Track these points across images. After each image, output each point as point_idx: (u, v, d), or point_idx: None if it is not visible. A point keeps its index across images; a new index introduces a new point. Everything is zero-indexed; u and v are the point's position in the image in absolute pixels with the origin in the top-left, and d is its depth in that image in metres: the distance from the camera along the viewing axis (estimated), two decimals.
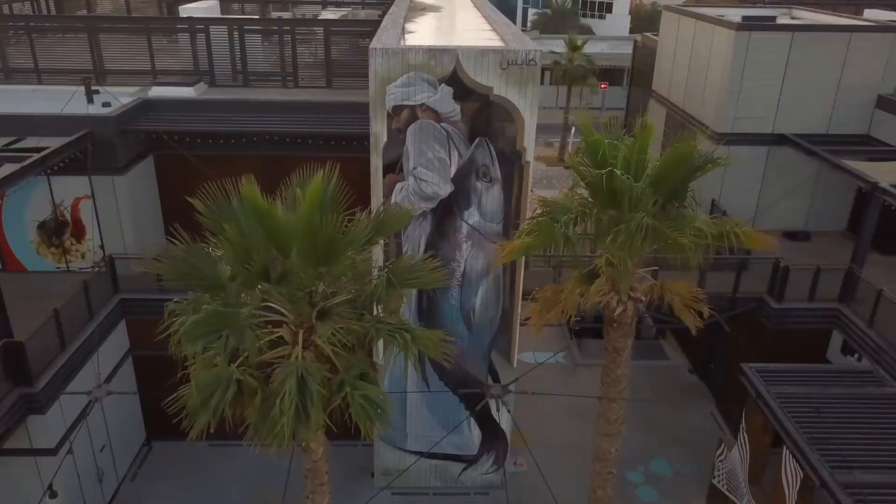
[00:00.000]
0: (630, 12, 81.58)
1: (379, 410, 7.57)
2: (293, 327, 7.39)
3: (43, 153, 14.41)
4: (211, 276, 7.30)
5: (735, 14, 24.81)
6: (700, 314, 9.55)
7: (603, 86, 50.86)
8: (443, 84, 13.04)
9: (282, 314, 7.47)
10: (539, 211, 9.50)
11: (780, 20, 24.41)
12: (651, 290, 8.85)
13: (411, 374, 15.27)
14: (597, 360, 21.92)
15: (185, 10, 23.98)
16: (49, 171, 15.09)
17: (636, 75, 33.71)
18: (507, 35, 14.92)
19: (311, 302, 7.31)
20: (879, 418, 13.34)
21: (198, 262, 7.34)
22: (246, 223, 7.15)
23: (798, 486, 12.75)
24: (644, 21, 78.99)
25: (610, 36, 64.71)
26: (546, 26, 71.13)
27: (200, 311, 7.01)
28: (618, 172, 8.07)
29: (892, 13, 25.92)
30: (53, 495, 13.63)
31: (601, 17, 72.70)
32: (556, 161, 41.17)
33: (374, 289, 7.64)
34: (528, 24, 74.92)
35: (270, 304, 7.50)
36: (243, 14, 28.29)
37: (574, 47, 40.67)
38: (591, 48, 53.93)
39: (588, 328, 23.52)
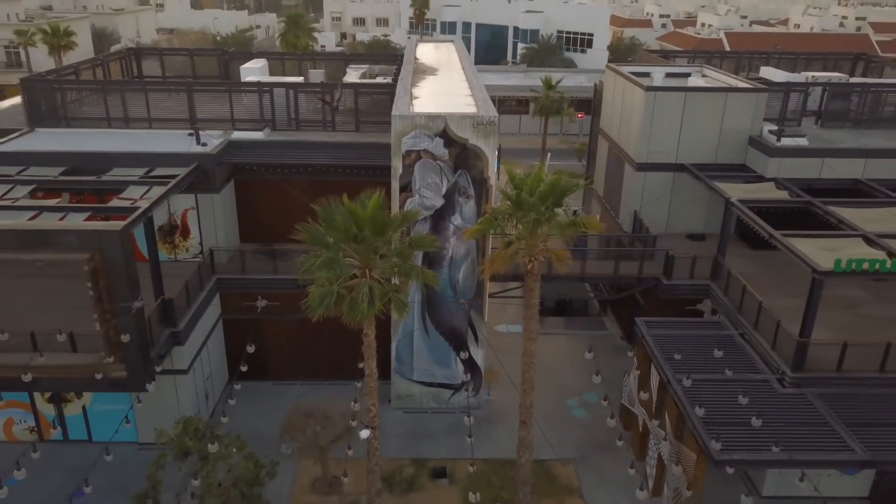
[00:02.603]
0: (610, 45, 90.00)
1: (404, 306, 15.12)
2: (363, 267, 14.97)
3: (176, 179, 22.06)
4: (324, 240, 14.87)
5: (661, 71, 32.86)
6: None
7: (580, 115, 58.43)
8: (437, 137, 20.89)
9: (357, 260, 15.03)
10: (488, 213, 17.25)
11: (694, 77, 32.38)
12: (545, 252, 16.37)
13: (418, 324, 22.96)
14: (551, 330, 29.74)
15: (244, 71, 31.88)
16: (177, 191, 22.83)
17: (596, 110, 41.57)
18: (480, 101, 22.83)
19: (373, 253, 14.84)
20: (713, 345, 20.91)
21: (318, 232, 14.92)
22: (341, 215, 14.71)
23: (657, 386, 20.42)
24: (623, 54, 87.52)
25: (589, 69, 72.58)
26: (533, 60, 79.06)
27: (320, 257, 14.58)
28: (520, 191, 15.78)
29: (782, 71, 33.86)
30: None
31: (582, 51, 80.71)
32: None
33: (401, 247, 15.25)
34: (518, 58, 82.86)
35: (352, 256, 15.06)
36: (283, 67, 36.24)
37: (549, 86, 48.50)
38: (570, 81, 62.10)
39: (546, 308, 31.40)
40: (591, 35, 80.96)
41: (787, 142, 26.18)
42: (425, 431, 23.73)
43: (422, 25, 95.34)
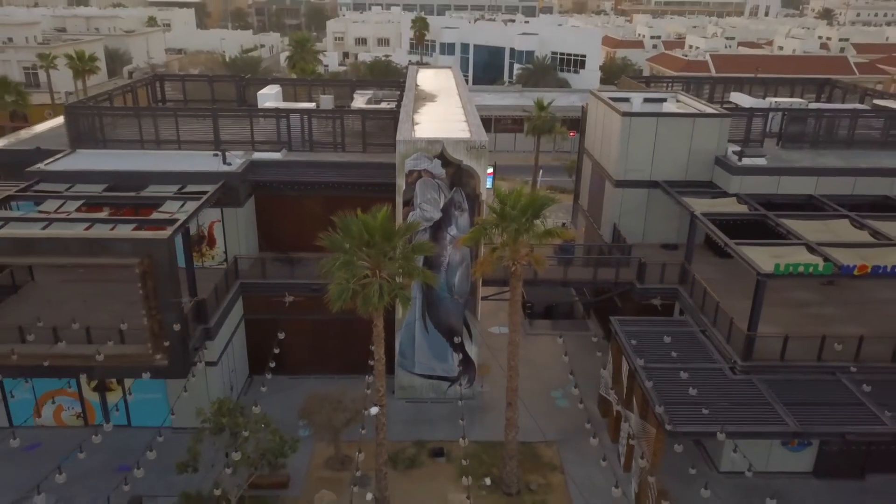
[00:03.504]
0: (603, 66, 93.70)
1: (407, 300, 18.21)
2: (374, 268, 18.06)
3: (207, 195, 25.23)
4: (342, 245, 17.98)
5: (640, 97, 36.17)
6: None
7: (571, 134, 61.55)
8: (435, 158, 24.08)
9: (369, 262, 18.12)
10: (477, 224, 20.44)
11: (669, 102, 35.62)
12: (527, 256, 19.44)
13: (419, 323, 26.03)
14: (539, 332, 32.75)
15: (261, 96, 35.13)
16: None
17: (583, 130, 44.81)
18: (473, 127, 26.05)
19: (382, 257, 17.92)
20: (677, 341, 24.00)
21: (337, 239, 18.05)
22: (356, 225, 17.82)
23: (627, 375, 23.47)
24: (615, 73, 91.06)
25: (582, 89, 76.00)
26: (528, 80, 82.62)
27: (339, 260, 17.69)
28: (504, 205, 18.94)
29: (749, 97, 37.15)
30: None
31: (576, 72, 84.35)
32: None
33: (405, 252, 18.34)
34: (514, 78, 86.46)
35: (364, 259, 18.14)
36: (295, 92, 39.52)
37: (540, 107, 51.79)
38: (564, 101, 65.48)
39: (535, 312, 34.52)
40: (584, 56, 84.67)
41: (747, 161, 29.36)
42: (425, 418, 26.73)
43: (421, 46, 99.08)
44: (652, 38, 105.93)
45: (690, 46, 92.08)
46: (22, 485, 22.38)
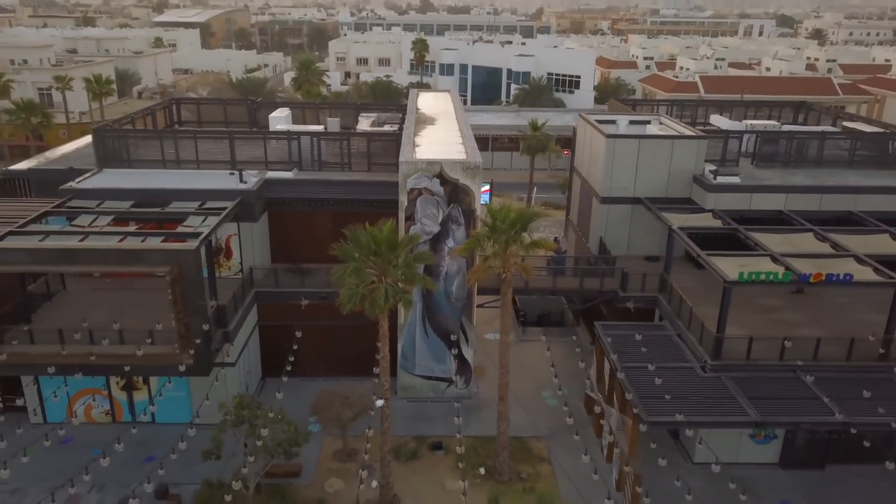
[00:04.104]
0: (598, 85, 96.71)
1: (409, 303, 20.62)
2: (380, 274, 20.49)
3: (226, 210, 27.71)
4: (352, 254, 20.43)
5: (625, 119, 38.78)
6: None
7: (565, 152, 63.98)
8: (434, 177, 26.60)
9: (375, 269, 20.54)
10: (472, 236, 22.92)
11: (652, 125, 38.20)
12: (515, 265, 21.86)
13: (419, 328, 28.43)
14: (531, 338, 35.10)
15: (273, 119, 37.77)
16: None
17: (574, 150, 47.45)
18: (469, 148, 28.61)
19: (387, 264, 20.34)
20: (655, 343, 26.36)
21: (348, 249, 20.53)
22: (365, 237, 20.29)
23: (609, 374, 25.82)
24: (610, 93, 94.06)
25: (577, 108, 78.82)
26: (525, 100, 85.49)
27: (350, 267, 20.14)
28: (495, 220, 21.42)
29: (727, 119, 39.77)
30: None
31: (570, 91, 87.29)
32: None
33: (407, 261, 20.80)
34: (511, 98, 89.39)
35: (372, 266, 20.57)
36: (303, 113, 42.16)
37: (534, 128, 54.46)
38: (559, 120, 68.17)
39: (528, 320, 36.90)
40: (579, 77, 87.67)
41: (722, 180, 31.89)
42: (425, 415, 29.03)
43: (421, 67, 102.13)
44: (645, 58, 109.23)
45: (681, 68, 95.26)
46: (58, 474, 24.65)
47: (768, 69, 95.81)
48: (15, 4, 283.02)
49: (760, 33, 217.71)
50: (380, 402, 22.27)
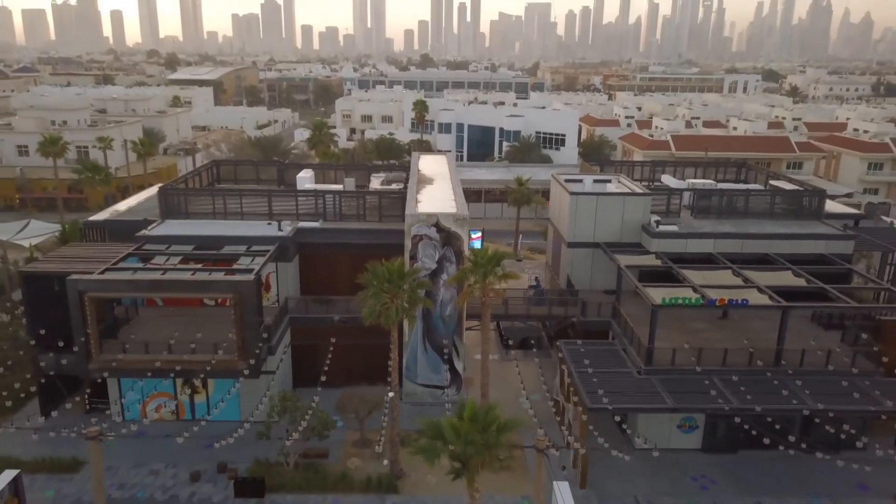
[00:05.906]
0: (583, 141, 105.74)
1: (413, 318, 28.18)
2: (392, 296, 28.06)
3: (270, 252, 35.53)
4: (372, 282, 28.08)
5: (591, 178, 47.00)
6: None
7: (549, 203, 72.31)
8: (432, 226, 34.55)
9: (389, 293, 28.11)
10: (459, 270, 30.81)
11: (612, 183, 46.38)
12: (494, 292, 29.50)
13: (420, 345, 35.99)
14: (513, 359, 42.57)
15: (300, 179, 46.00)
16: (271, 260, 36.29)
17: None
18: (459, 203, 36.66)
19: (398, 289, 27.90)
20: (604, 355, 33.83)
21: (370, 278, 28.26)
22: (382, 270, 27.97)
23: (568, 380, 33.27)
24: (594, 148, 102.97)
25: (562, 164, 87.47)
26: (516, 156, 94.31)
27: (371, 291, 27.77)
28: (477, 258, 29.16)
29: (673, 178, 47.98)
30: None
31: (557, 148, 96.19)
32: (511, 255, 62.47)
33: (412, 287, 28.41)
34: (503, 154, 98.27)
35: (386, 291, 28.18)
36: (323, 173, 50.42)
37: (520, 183, 62.77)
38: (545, 175, 76.38)
39: (509, 344, 44.39)
40: (564, 135, 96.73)
41: (663, 228, 39.81)
42: (425, 415, 36.15)
43: (422, 125, 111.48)
44: (627, 117, 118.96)
45: (656, 127, 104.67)
46: (138, 458, 31.87)
47: (735, 129, 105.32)
48: (34, 62, 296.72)
49: (745, 89, 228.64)
50: (391, 394, 29.67)
